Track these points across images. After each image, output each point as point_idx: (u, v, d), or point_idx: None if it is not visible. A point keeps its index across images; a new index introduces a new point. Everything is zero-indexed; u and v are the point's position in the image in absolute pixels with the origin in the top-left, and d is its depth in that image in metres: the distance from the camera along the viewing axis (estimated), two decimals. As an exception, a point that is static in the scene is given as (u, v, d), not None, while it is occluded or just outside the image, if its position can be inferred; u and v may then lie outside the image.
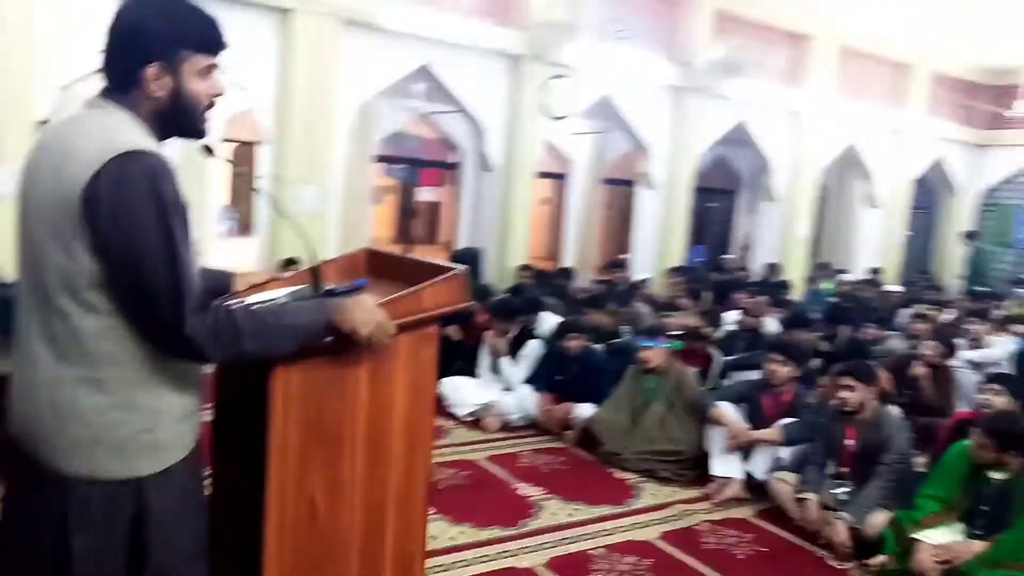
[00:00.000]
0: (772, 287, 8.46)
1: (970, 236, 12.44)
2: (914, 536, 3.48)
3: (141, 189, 1.42)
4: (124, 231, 1.41)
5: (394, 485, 2.02)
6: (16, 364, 1.56)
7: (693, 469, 4.50)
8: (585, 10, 7.94)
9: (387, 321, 1.78)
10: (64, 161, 1.44)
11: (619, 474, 4.51)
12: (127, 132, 1.49)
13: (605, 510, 4.00)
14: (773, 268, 10.17)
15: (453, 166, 12.63)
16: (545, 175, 10.70)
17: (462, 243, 12.78)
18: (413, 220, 13.67)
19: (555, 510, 3.93)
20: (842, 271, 11.01)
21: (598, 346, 5.46)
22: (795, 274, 10.36)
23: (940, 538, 3.49)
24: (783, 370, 4.47)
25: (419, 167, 13.36)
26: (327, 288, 1.98)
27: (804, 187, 10.48)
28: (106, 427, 1.48)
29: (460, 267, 2.08)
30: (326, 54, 6.81)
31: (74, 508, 1.47)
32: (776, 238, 10.66)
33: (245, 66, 6.41)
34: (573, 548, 3.54)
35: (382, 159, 12.51)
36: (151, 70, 1.53)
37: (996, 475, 3.48)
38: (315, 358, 1.81)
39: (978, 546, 3.37)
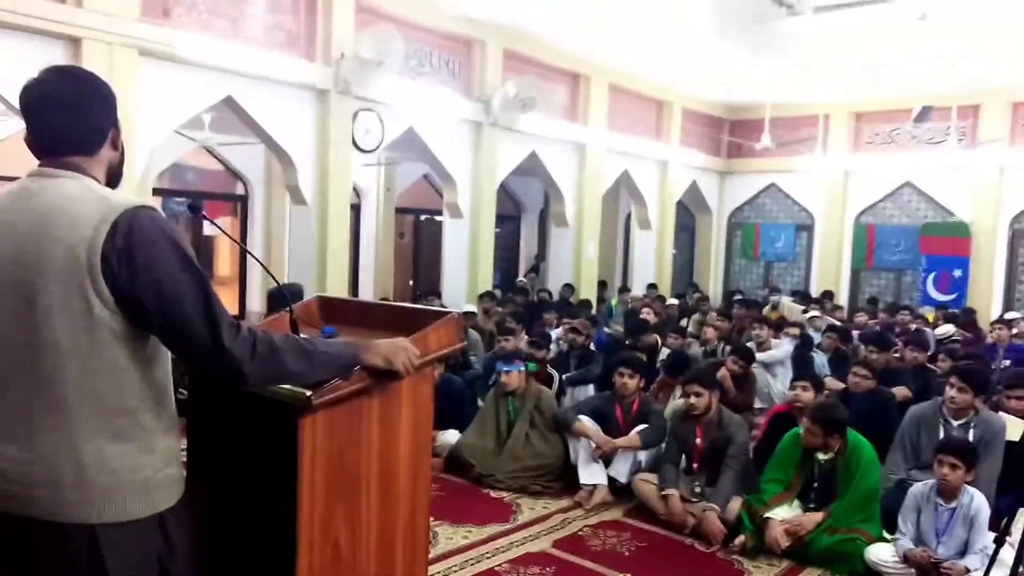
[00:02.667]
0: (576, 307, 9.12)
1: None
2: (766, 515, 4.06)
3: (156, 235, 1.54)
4: (152, 273, 1.52)
5: (402, 516, 2.11)
6: (7, 439, 1.54)
7: (559, 480, 4.84)
8: (388, 46, 8.12)
9: (414, 351, 1.90)
10: (71, 227, 1.50)
11: (494, 493, 4.73)
12: (111, 193, 1.60)
13: (495, 528, 4.21)
14: (570, 288, 10.91)
15: (241, 198, 12.24)
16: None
17: (253, 278, 12.38)
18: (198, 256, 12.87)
19: (449, 535, 4.07)
20: (626, 288, 12.08)
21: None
22: (588, 293, 11.20)
23: (785, 515, 4.10)
24: (631, 382, 4.95)
25: (203, 200, 12.67)
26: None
27: (590, 212, 11.38)
28: (131, 471, 1.56)
29: (454, 311, 2.21)
30: (121, 86, 6.39)
31: (109, 552, 1.51)
32: (568, 260, 11.44)
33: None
34: (480, 567, 3.72)
35: (159, 192, 11.79)
36: (114, 130, 1.69)
37: (822, 456, 4.15)
38: (334, 406, 1.87)
39: (817, 517, 4.02)
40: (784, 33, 8.75)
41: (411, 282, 15.00)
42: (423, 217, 15.06)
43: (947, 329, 8.61)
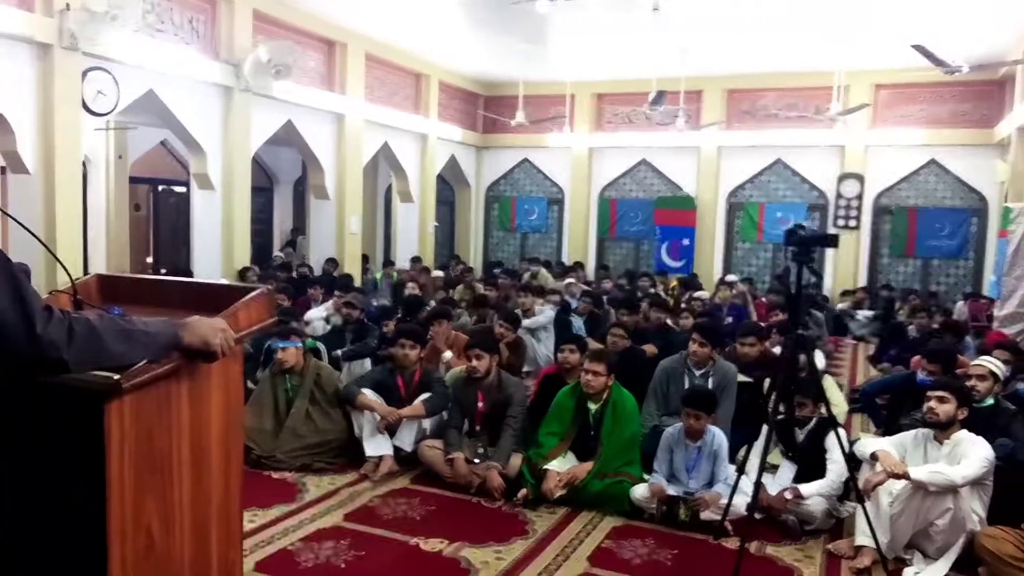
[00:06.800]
0: (339, 281, 8.98)
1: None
2: (545, 467, 4.34)
3: None
4: None
5: (216, 499, 2.03)
6: None
7: (343, 455, 4.80)
8: (122, -1, 7.37)
9: (231, 332, 1.81)
10: None
11: (276, 475, 4.58)
12: None
13: (282, 509, 4.09)
14: (334, 263, 10.70)
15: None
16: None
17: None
18: None
19: (234, 520, 3.88)
20: (390, 262, 12.08)
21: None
22: (351, 267, 11.05)
23: (560, 466, 4.41)
24: (412, 353, 5.01)
25: None
26: None
27: (351, 184, 11.19)
28: None
29: (263, 286, 2.12)
30: None
31: None
32: (331, 233, 11.20)
33: None
34: (272, 549, 3.61)
35: None
36: None
37: (592, 406, 4.51)
38: (141, 389, 1.74)
39: (588, 465, 4.37)
40: (531, 14, 9.16)
41: (149, 258, 13.84)
42: (161, 188, 13.91)
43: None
